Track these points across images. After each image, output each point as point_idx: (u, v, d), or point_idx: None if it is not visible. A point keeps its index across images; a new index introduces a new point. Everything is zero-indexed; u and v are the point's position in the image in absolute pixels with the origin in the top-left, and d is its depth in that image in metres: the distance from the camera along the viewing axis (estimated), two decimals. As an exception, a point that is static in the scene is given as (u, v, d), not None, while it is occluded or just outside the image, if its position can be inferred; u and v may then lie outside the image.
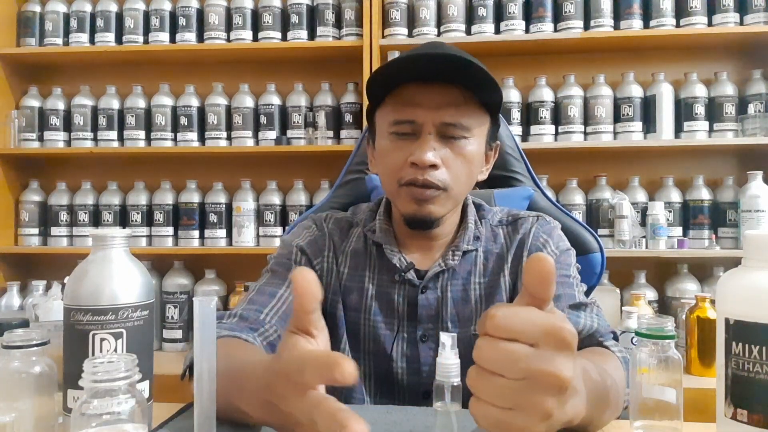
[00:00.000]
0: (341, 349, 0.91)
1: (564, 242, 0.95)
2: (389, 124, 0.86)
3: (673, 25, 2.19)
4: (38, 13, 2.45)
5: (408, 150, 0.84)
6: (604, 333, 0.83)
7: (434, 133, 0.84)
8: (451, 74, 0.82)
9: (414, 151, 0.83)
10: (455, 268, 0.91)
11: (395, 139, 0.86)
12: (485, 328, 0.46)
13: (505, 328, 0.45)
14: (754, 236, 0.59)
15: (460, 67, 0.81)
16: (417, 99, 0.83)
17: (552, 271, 0.45)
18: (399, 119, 0.85)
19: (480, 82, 0.82)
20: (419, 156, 0.82)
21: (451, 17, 2.25)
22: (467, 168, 0.86)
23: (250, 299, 0.88)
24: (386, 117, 0.87)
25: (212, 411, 0.54)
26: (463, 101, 0.84)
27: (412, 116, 0.84)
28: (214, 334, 0.54)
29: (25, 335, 0.63)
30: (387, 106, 0.87)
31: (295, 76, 2.43)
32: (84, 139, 2.42)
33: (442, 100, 0.83)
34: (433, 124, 0.83)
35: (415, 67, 0.83)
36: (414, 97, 0.84)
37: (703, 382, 1.79)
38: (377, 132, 0.91)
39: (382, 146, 0.89)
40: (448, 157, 0.84)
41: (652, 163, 2.32)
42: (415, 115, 0.83)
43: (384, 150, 0.88)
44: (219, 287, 2.35)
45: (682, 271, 2.19)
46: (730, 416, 0.57)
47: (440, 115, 0.83)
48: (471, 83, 0.83)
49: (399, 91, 0.85)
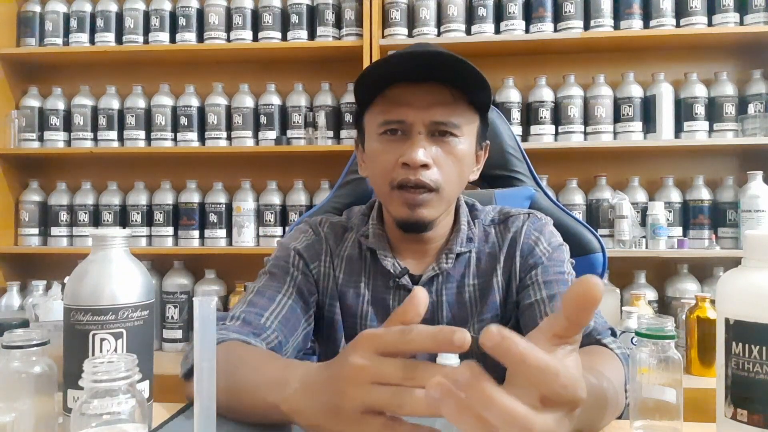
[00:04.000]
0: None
1: (556, 238, 0.94)
2: (378, 126, 0.85)
3: (673, 25, 2.19)
4: (38, 13, 2.45)
5: (398, 151, 0.83)
6: (602, 331, 0.82)
7: (424, 132, 0.83)
8: (440, 73, 0.82)
9: (405, 151, 0.82)
10: (449, 271, 0.91)
11: (385, 141, 0.85)
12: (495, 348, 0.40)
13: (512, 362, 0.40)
14: (754, 236, 0.59)
15: (448, 66, 0.80)
16: (406, 99, 0.83)
17: (599, 299, 0.41)
18: (388, 119, 0.84)
19: (469, 80, 0.82)
20: (410, 156, 0.81)
21: (451, 17, 2.25)
22: (458, 167, 0.86)
23: (249, 301, 0.87)
24: (375, 118, 0.86)
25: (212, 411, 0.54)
26: (453, 100, 0.83)
27: (401, 116, 0.83)
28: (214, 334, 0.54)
29: (25, 335, 0.63)
30: (375, 107, 0.86)
31: (295, 76, 2.43)
32: (84, 139, 2.42)
33: (432, 99, 0.83)
34: (423, 123, 0.83)
35: (403, 67, 0.82)
36: (403, 97, 0.83)
37: (703, 382, 1.78)
38: (366, 134, 0.90)
39: (372, 148, 0.88)
40: (439, 157, 0.84)
41: (652, 163, 2.32)
42: (405, 115, 0.83)
43: (374, 152, 0.87)
44: (219, 287, 2.35)
45: (682, 271, 2.19)
46: (730, 416, 0.57)
47: (430, 114, 0.82)
48: (460, 82, 0.83)
49: (387, 92, 0.84)
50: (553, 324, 0.44)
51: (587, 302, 0.41)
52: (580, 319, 0.42)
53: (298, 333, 0.88)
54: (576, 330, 0.43)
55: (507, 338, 0.39)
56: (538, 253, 0.90)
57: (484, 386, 0.39)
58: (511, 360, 0.39)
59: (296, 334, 0.88)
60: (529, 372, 0.40)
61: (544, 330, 0.44)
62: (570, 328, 0.43)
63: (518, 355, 0.39)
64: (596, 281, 0.41)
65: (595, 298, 0.41)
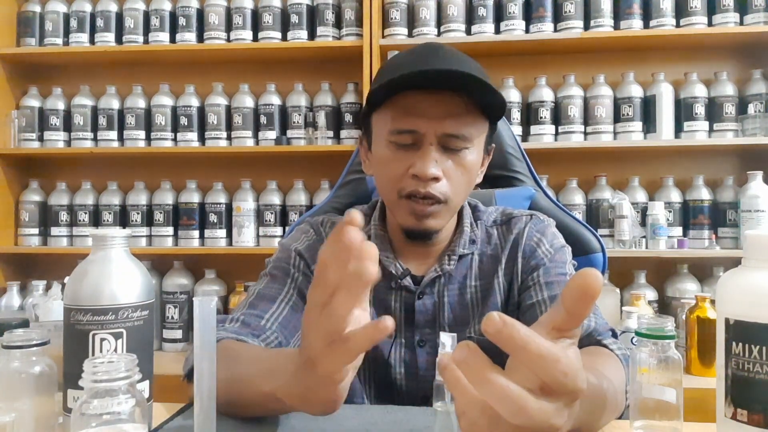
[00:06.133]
0: None
1: (558, 240, 0.94)
2: (389, 132, 0.84)
3: (673, 25, 2.19)
4: (38, 13, 2.45)
5: (409, 161, 0.83)
6: (603, 332, 0.82)
7: (435, 143, 0.82)
8: (454, 84, 0.81)
9: (415, 163, 0.82)
10: (451, 272, 0.91)
11: (395, 149, 0.84)
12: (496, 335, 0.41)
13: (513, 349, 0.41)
14: (754, 236, 0.59)
15: (465, 79, 0.79)
16: (419, 109, 0.81)
17: (598, 291, 0.42)
18: (400, 129, 0.83)
19: (483, 93, 0.81)
20: (421, 169, 0.81)
21: (451, 17, 2.25)
22: (467, 178, 0.86)
23: (250, 303, 0.88)
24: (385, 123, 0.85)
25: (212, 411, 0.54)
26: (465, 110, 0.82)
27: (413, 126, 0.82)
28: (214, 334, 0.55)
29: (25, 335, 0.63)
30: (386, 111, 0.85)
31: (295, 76, 2.43)
32: (84, 139, 2.42)
33: (445, 110, 0.81)
34: (435, 134, 0.82)
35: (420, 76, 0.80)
36: (416, 107, 0.82)
37: (703, 382, 1.79)
38: (374, 136, 0.89)
39: (380, 154, 0.87)
40: (449, 169, 0.83)
41: (652, 163, 2.32)
42: (417, 126, 0.82)
43: (383, 158, 0.86)
44: (219, 287, 2.35)
45: (682, 271, 2.19)
46: (730, 416, 0.57)
47: (443, 126, 0.81)
48: (473, 94, 0.82)
49: (399, 97, 0.83)
50: (553, 317, 0.44)
51: (587, 294, 0.42)
52: (579, 311, 0.43)
53: (299, 334, 0.89)
54: (575, 323, 0.44)
55: (509, 324, 0.40)
56: (540, 254, 0.91)
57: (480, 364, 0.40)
58: (512, 346, 0.40)
59: (297, 335, 0.88)
60: (530, 358, 0.40)
61: (544, 324, 0.44)
62: (569, 320, 0.43)
63: (520, 341, 0.40)
64: (595, 273, 0.41)
65: (595, 290, 0.41)
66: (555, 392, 0.41)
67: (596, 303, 0.87)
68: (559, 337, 0.44)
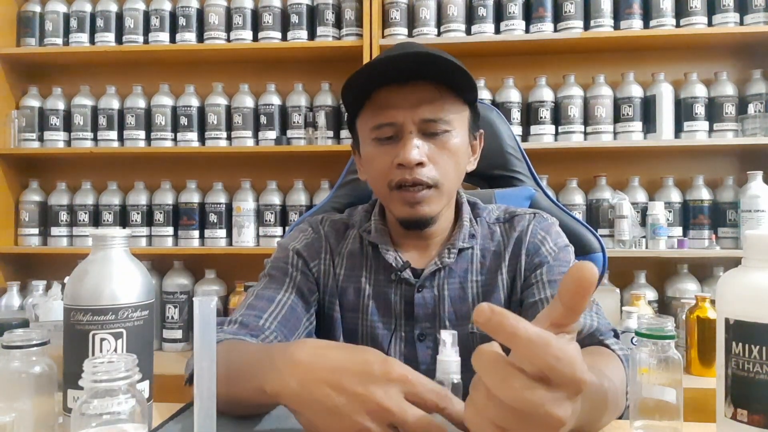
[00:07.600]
0: None
1: (562, 239, 0.94)
2: (370, 130, 0.87)
3: (673, 25, 2.19)
4: (38, 13, 2.45)
5: (393, 152, 0.85)
6: (605, 331, 0.83)
7: (415, 131, 0.84)
8: (422, 71, 0.83)
9: (399, 152, 0.84)
10: (451, 266, 0.91)
11: (378, 144, 0.87)
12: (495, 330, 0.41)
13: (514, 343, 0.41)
14: (754, 236, 0.59)
15: (428, 63, 0.81)
16: (393, 101, 0.84)
17: (594, 283, 0.42)
18: (379, 123, 0.86)
19: (452, 74, 0.83)
20: (404, 156, 0.83)
21: (451, 17, 2.25)
22: (454, 161, 0.87)
23: (249, 304, 0.88)
24: (366, 123, 0.88)
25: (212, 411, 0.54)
26: (439, 96, 0.85)
27: (391, 118, 0.85)
28: (214, 334, 0.54)
29: (25, 335, 0.63)
30: (365, 112, 0.88)
31: (295, 76, 2.43)
32: (84, 139, 2.42)
33: (419, 98, 0.84)
34: (413, 122, 0.84)
35: (386, 70, 0.83)
36: (390, 99, 0.85)
37: (703, 382, 1.78)
38: (360, 140, 0.92)
39: (367, 153, 0.90)
40: (433, 153, 0.85)
41: (652, 163, 2.32)
42: (394, 117, 0.84)
43: (369, 156, 0.89)
44: (219, 287, 2.35)
45: (682, 271, 2.19)
46: (730, 416, 0.57)
47: (418, 113, 0.84)
48: (443, 77, 0.84)
49: (374, 96, 0.86)
50: (551, 312, 0.45)
51: (583, 287, 0.42)
52: (576, 304, 0.43)
53: (299, 332, 0.89)
54: (573, 317, 0.44)
55: (497, 312, 0.40)
56: (544, 252, 0.91)
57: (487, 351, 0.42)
58: (503, 334, 0.41)
59: (297, 333, 0.88)
60: (521, 344, 0.40)
61: (542, 319, 0.45)
62: (567, 315, 0.44)
63: (510, 328, 0.40)
64: (590, 266, 0.42)
65: (590, 282, 0.42)
66: (553, 381, 0.41)
67: (598, 303, 0.87)
68: (558, 332, 0.44)
